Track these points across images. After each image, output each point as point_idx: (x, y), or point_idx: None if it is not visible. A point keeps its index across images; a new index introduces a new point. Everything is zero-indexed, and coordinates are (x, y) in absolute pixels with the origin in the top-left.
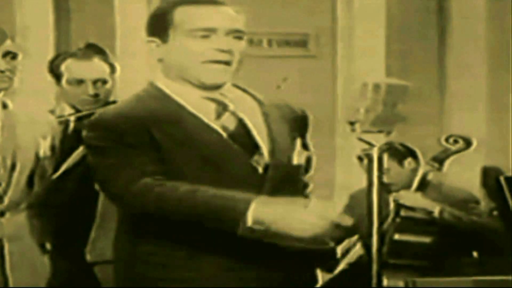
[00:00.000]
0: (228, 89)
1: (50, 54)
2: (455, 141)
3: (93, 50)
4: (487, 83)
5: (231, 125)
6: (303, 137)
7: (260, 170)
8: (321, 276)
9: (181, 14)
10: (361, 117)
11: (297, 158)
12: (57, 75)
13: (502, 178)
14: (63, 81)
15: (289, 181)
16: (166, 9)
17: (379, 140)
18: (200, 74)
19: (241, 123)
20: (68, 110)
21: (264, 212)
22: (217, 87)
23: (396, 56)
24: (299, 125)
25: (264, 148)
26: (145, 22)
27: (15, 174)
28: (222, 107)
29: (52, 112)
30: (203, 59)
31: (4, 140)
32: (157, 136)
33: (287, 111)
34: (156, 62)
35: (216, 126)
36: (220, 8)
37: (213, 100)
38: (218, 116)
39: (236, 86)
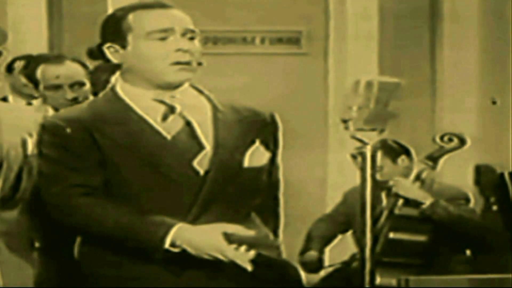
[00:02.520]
0: (183, 91)
1: None
2: (450, 140)
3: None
4: (479, 81)
5: (177, 127)
6: (266, 140)
7: (202, 172)
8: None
9: (136, 18)
10: (354, 114)
11: (250, 160)
12: (34, 81)
13: (506, 173)
14: (41, 88)
15: (235, 184)
16: (119, 16)
17: (372, 138)
18: (165, 75)
19: (188, 126)
20: (51, 112)
21: (180, 237)
22: (180, 85)
23: (388, 53)
24: (260, 127)
25: (209, 150)
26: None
27: (3, 172)
28: (170, 109)
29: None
30: (165, 62)
31: None
32: (100, 140)
33: (247, 114)
34: None
35: (160, 128)
36: (170, 11)
37: (162, 102)
38: (164, 118)
39: (194, 87)
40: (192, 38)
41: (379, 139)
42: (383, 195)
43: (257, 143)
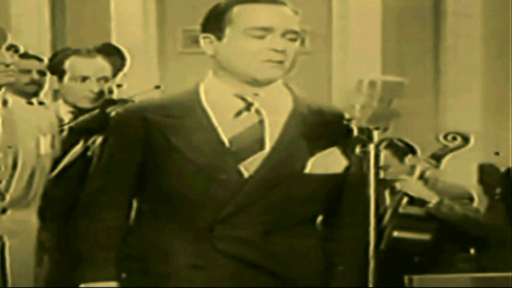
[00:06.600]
0: (269, 88)
1: (46, 53)
2: (454, 138)
3: (108, 49)
4: (483, 79)
5: (245, 124)
6: (347, 148)
7: (246, 175)
8: None
9: (239, 12)
10: (357, 114)
11: (316, 167)
12: (59, 73)
13: None
14: (66, 78)
15: (289, 189)
16: (224, 7)
17: (375, 137)
18: (253, 72)
19: (260, 124)
20: (64, 108)
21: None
22: (268, 83)
23: (391, 52)
24: (345, 134)
25: (265, 152)
26: (141, 21)
27: (17, 172)
28: (247, 106)
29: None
30: (257, 59)
31: (5, 138)
32: (152, 139)
33: (332, 119)
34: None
35: (220, 126)
36: (279, 8)
37: (242, 98)
38: (238, 114)
39: (286, 85)
40: (293, 40)
41: (384, 138)
42: (387, 193)
43: (334, 149)
